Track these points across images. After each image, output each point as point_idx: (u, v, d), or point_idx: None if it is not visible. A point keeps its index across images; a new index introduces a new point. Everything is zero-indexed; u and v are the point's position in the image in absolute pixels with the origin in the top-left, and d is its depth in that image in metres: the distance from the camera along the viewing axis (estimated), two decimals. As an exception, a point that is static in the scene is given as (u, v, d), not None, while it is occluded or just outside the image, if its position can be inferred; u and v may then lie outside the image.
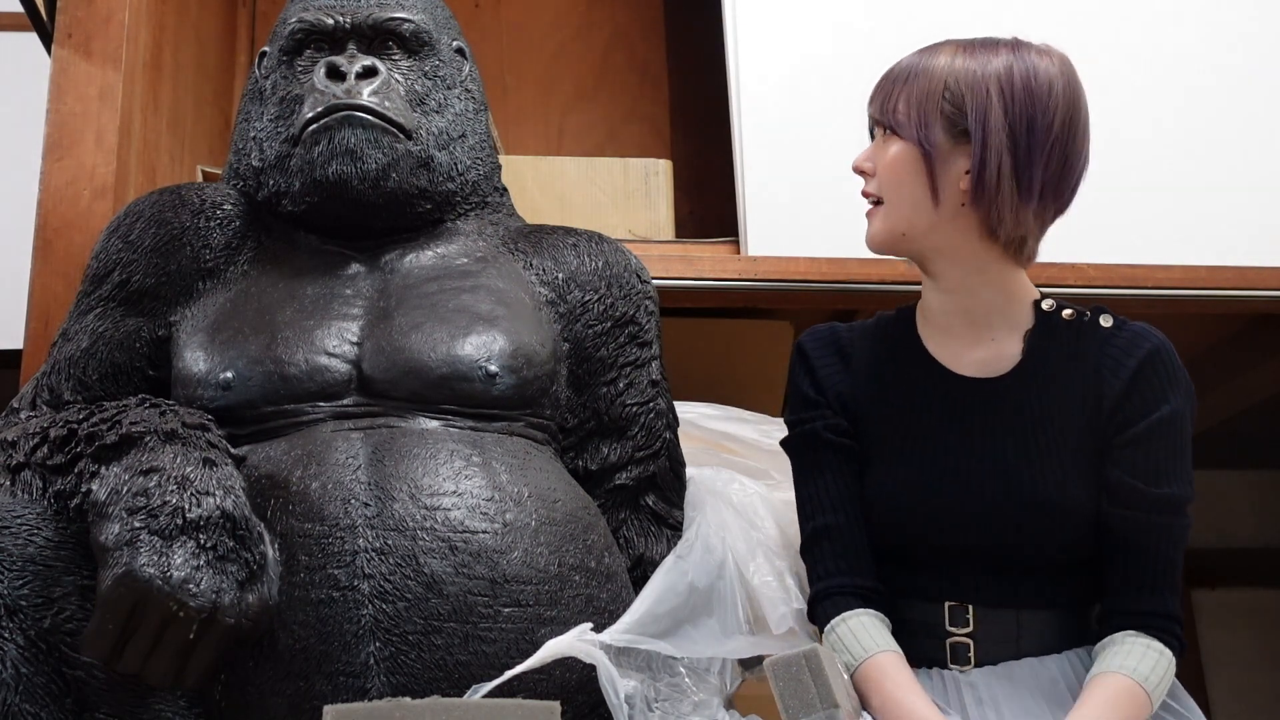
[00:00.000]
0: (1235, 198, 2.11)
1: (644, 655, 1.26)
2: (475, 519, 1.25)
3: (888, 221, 1.37)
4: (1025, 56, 1.35)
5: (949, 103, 1.32)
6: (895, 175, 1.35)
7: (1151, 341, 1.34)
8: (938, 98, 1.33)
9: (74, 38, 1.80)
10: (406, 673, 1.18)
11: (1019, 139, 1.31)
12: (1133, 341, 1.34)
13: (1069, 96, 1.33)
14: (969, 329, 1.39)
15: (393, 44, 1.53)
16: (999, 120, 1.30)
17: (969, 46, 1.36)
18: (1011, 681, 1.30)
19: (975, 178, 1.31)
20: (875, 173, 1.38)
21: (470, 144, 1.56)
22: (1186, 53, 2.17)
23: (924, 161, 1.33)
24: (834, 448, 1.41)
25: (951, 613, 1.33)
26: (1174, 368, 1.34)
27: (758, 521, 1.51)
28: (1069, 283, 2.00)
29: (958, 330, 1.40)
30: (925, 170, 1.34)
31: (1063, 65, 1.35)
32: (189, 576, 1.12)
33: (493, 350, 1.37)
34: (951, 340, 1.40)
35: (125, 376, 1.44)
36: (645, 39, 2.80)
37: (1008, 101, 1.31)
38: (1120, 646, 1.26)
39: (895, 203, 1.36)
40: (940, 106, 1.33)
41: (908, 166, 1.34)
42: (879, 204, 1.38)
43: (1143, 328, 1.37)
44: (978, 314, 1.39)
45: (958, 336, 1.40)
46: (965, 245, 1.36)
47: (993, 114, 1.31)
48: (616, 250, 1.56)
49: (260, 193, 1.52)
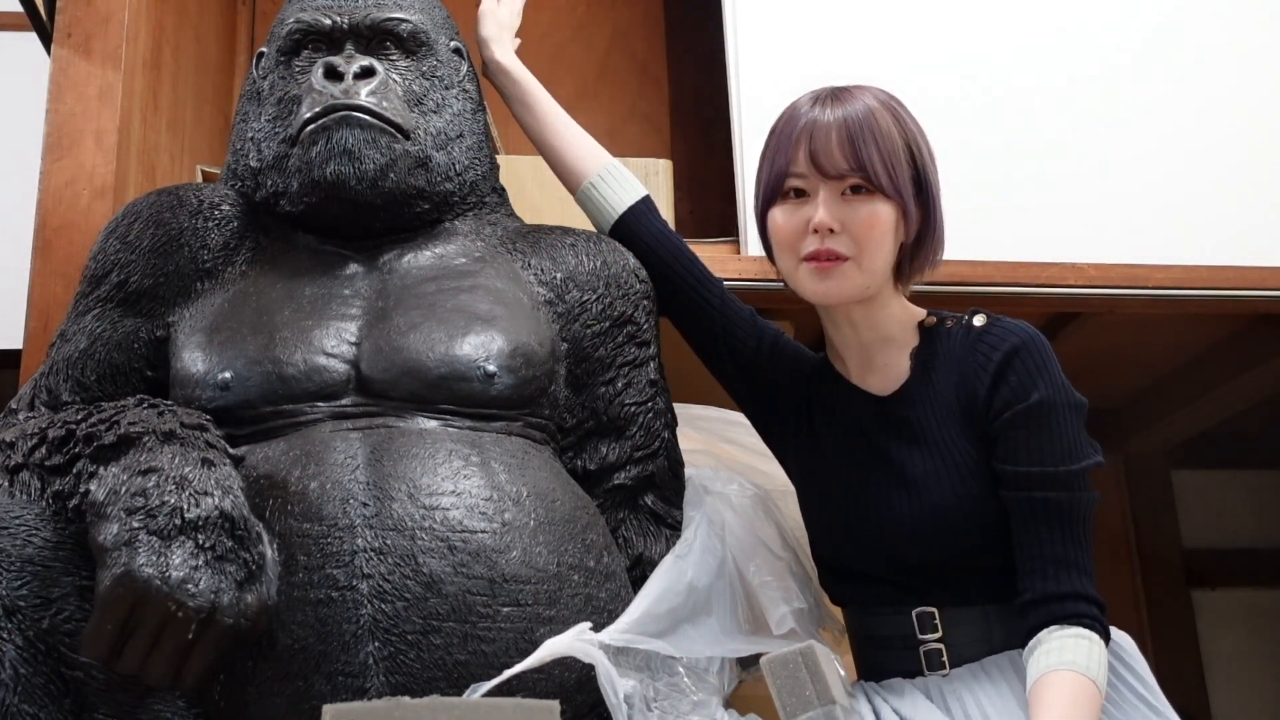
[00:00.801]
0: (1235, 198, 2.11)
1: (643, 655, 1.26)
2: (474, 519, 1.25)
3: (864, 279, 1.38)
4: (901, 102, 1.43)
5: (911, 159, 1.38)
6: (879, 235, 1.37)
7: (1018, 336, 1.36)
8: (904, 154, 1.37)
9: (73, 37, 1.80)
10: (405, 672, 1.18)
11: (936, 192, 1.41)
12: (1000, 337, 1.37)
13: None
14: (869, 357, 1.45)
15: (390, 44, 1.53)
16: (930, 164, 1.40)
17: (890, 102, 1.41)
18: (990, 678, 1.32)
19: (925, 229, 1.39)
20: (845, 230, 1.36)
21: (468, 144, 1.56)
22: (1187, 53, 2.17)
23: (901, 220, 1.38)
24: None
25: (920, 620, 1.35)
26: (1041, 360, 1.35)
27: (758, 521, 1.51)
28: (1069, 283, 2.00)
29: (856, 359, 1.46)
30: (901, 227, 1.39)
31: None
32: (187, 577, 1.12)
33: (491, 350, 1.37)
34: (853, 367, 1.46)
35: (124, 377, 1.44)
36: (645, 39, 2.80)
37: (928, 149, 1.40)
38: (1049, 644, 1.26)
39: (874, 262, 1.38)
40: (907, 171, 1.37)
41: (890, 226, 1.38)
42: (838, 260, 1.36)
43: (1013, 324, 1.39)
44: (874, 343, 1.44)
45: (857, 363, 1.46)
46: (885, 288, 1.42)
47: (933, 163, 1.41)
48: (615, 250, 1.56)
49: (258, 193, 1.52)
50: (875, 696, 1.36)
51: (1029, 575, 1.30)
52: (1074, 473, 1.31)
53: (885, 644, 1.38)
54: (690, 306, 1.57)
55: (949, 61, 2.13)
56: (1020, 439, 1.32)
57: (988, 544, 1.34)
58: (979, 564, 1.34)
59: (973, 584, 1.34)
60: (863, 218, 1.36)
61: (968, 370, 1.37)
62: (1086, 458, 1.33)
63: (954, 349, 1.40)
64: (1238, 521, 3.57)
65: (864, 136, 1.35)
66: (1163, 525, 3.48)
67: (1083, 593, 1.28)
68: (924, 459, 1.36)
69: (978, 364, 1.36)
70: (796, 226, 1.38)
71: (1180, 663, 3.32)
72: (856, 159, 1.35)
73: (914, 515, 1.35)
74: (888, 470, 1.38)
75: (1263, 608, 3.49)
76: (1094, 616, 1.27)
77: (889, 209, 1.36)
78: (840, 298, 1.40)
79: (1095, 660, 1.24)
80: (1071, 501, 1.31)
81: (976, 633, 1.34)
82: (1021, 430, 1.32)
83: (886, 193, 1.35)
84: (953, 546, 1.34)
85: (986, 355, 1.36)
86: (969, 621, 1.34)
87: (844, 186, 1.36)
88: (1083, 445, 1.33)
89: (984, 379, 1.35)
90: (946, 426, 1.37)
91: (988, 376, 1.35)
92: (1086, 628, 1.26)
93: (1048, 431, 1.32)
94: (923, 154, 1.39)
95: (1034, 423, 1.32)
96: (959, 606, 1.34)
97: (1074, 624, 1.26)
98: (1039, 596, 1.28)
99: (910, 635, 1.35)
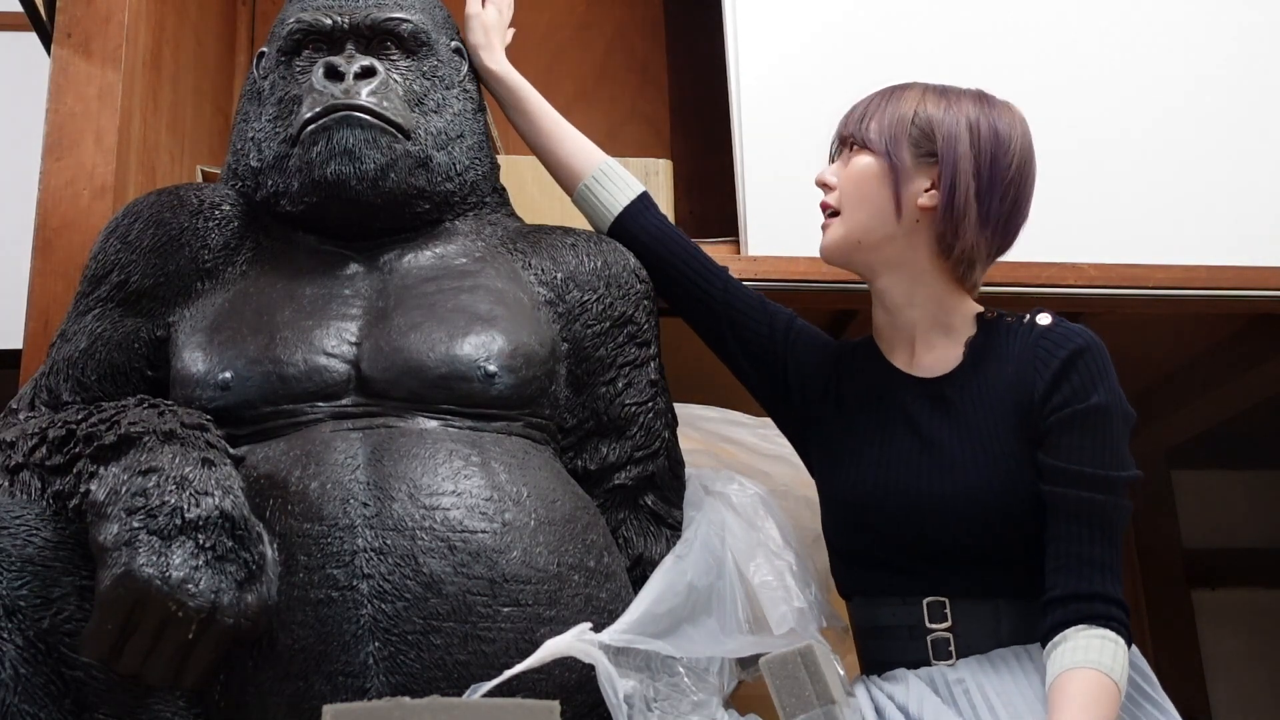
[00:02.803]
0: (1235, 198, 2.11)
1: (643, 655, 1.26)
2: (474, 519, 1.25)
3: (845, 228, 1.45)
4: (990, 105, 1.45)
5: (917, 128, 1.42)
6: (860, 185, 1.43)
7: (1083, 339, 1.39)
8: (907, 123, 1.42)
9: (73, 37, 1.80)
10: (405, 672, 1.18)
11: (983, 170, 1.41)
12: (1065, 337, 1.39)
13: (1024, 148, 1.44)
14: (914, 340, 1.46)
15: (391, 44, 1.53)
16: (966, 149, 1.41)
17: (939, 89, 1.46)
18: (996, 670, 1.32)
19: (946, 193, 1.40)
20: (837, 186, 1.46)
21: (469, 144, 1.56)
22: (1187, 52, 2.17)
23: (890, 174, 1.42)
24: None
25: (930, 609, 1.35)
26: (1102, 366, 1.37)
27: (758, 521, 1.51)
28: (1069, 283, 2.00)
29: (903, 343, 1.47)
30: (890, 181, 1.42)
31: (1022, 123, 1.46)
32: (188, 576, 1.12)
33: (491, 350, 1.37)
34: (899, 351, 1.48)
35: (124, 377, 1.44)
36: (645, 39, 2.80)
37: (974, 136, 1.41)
38: (1074, 642, 1.27)
39: (855, 212, 1.44)
40: (909, 131, 1.42)
41: (874, 178, 1.43)
42: (835, 216, 1.46)
43: (1078, 328, 1.41)
44: (922, 326, 1.46)
45: (905, 348, 1.47)
46: (916, 261, 1.44)
47: (961, 142, 1.41)
48: (615, 250, 1.56)
49: (259, 193, 1.52)
50: (876, 690, 1.36)
51: (1059, 572, 1.31)
52: (1119, 479, 1.33)
53: (891, 634, 1.38)
54: (693, 300, 1.58)
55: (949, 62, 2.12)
56: (1073, 438, 1.34)
57: (1012, 536, 1.34)
58: (997, 555, 1.35)
59: (987, 576, 1.35)
60: (846, 171, 1.45)
61: (1026, 364, 1.38)
62: (1130, 468, 1.34)
63: (1013, 343, 1.41)
64: (1238, 521, 3.57)
65: (875, 105, 1.45)
66: (1163, 525, 3.48)
67: (1112, 595, 1.29)
68: (963, 441, 1.37)
69: (1039, 359, 1.38)
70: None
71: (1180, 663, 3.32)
72: (859, 123, 1.45)
73: (947, 493, 1.35)
74: (926, 449, 1.39)
75: (1263, 608, 3.49)
76: (1120, 620, 1.28)
77: (869, 160, 1.43)
78: (830, 252, 1.47)
79: (1119, 662, 1.25)
80: (1111, 506, 1.32)
81: (986, 625, 1.34)
82: (1076, 430, 1.34)
83: (873, 148, 1.43)
84: (978, 531, 1.34)
85: (1050, 351, 1.38)
86: (979, 613, 1.34)
87: (849, 147, 1.46)
88: (1128, 456, 1.35)
89: (1045, 374, 1.37)
90: (992, 415, 1.38)
91: (1049, 372, 1.36)
92: (1112, 630, 1.27)
93: (1100, 435, 1.34)
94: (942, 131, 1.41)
95: (1089, 425, 1.34)
96: (971, 598, 1.35)
97: (1100, 625, 1.27)
98: (1067, 594, 1.29)
99: (918, 624, 1.35)
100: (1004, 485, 1.34)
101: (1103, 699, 1.23)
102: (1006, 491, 1.34)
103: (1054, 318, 1.43)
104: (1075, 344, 1.37)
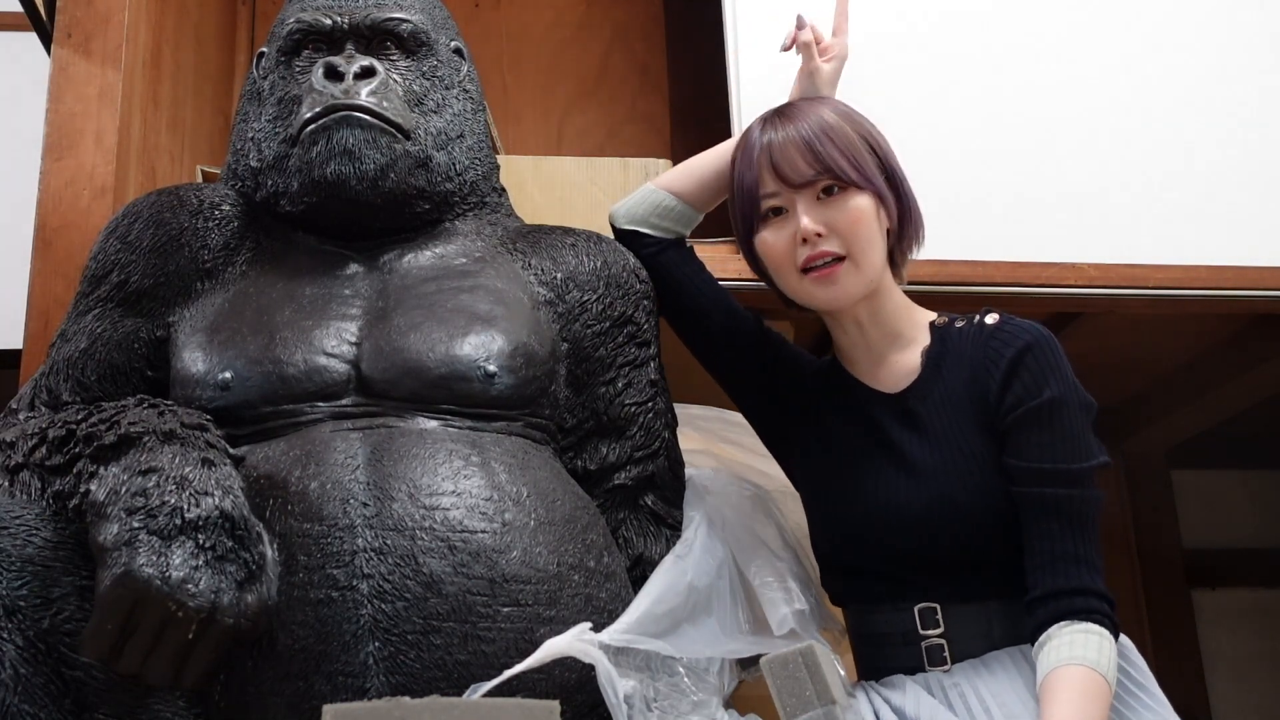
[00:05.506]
0: (1235, 198, 2.10)
1: (643, 655, 1.26)
2: (474, 519, 1.25)
3: (864, 275, 1.41)
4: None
5: (871, 152, 1.42)
6: (866, 228, 1.40)
7: (1029, 336, 1.38)
8: (864, 147, 1.41)
9: (73, 37, 1.80)
10: (405, 672, 1.18)
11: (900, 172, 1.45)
12: (1013, 335, 1.39)
13: None
14: (879, 356, 1.46)
15: (391, 44, 1.54)
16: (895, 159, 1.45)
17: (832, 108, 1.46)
18: (992, 672, 1.32)
19: (903, 212, 1.44)
20: (831, 232, 1.39)
21: (468, 144, 1.56)
22: (1187, 52, 2.17)
23: (882, 208, 1.42)
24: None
25: (922, 616, 1.35)
26: (1052, 359, 1.37)
27: (758, 521, 1.51)
28: (1069, 282, 2.00)
29: (866, 361, 1.47)
30: (884, 216, 1.42)
31: None
32: (188, 576, 1.12)
33: (491, 350, 1.37)
34: (863, 368, 1.47)
35: (124, 377, 1.44)
36: (645, 39, 2.80)
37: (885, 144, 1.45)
38: (1059, 640, 1.26)
39: (868, 255, 1.41)
40: (868, 157, 1.41)
41: (873, 214, 1.41)
42: (838, 261, 1.39)
43: (1025, 325, 1.41)
44: (884, 343, 1.46)
45: (868, 364, 1.47)
46: (884, 281, 1.45)
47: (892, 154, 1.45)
48: (615, 250, 1.56)
49: (258, 193, 1.52)
50: (875, 696, 1.36)
51: (1038, 571, 1.30)
52: (1083, 470, 1.32)
53: (886, 641, 1.38)
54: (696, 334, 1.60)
55: (949, 62, 2.13)
56: (1031, 436, 1.34)
57: (992, 538, 1.34)
58: (982, 558, 1.35)
59: (975, 579, 1.35)
60: (844, 214, 1.39)
61: (980, 366, 1.38)
62: (1094, 457, 1.34)
63: (966, 346, 1.41)
64: (1238, 521, 3.57)
65: (820, 140, 1.40)
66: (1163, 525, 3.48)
67: (1092, 588, 1.29)
68: (934, 451, 1.37)
69: (990, 360, 1.38)
70: (786, 241, 1.41)
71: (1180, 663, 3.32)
72: (820, 162, 1.39)
73: (921, 504, 1.35)
74: (898, 462, 1.39)
75: (1263, 608, 3.48)
76: (1104, 612, 1.28)
77: (866, 199, 1.40)
78: (848, 299, 1.42)
79: (1105, 656, 1.25)
80: (1080, 499, 1.32)
81: (978, 628, 1.34)
82: (1032, 427, 1.34)
83: (859, 185, 1.39)
84: (958, 537, 1.34)
85: (999, 351, 1.37)
86: (970, 617, 1.34)
87: (816, 191, 1.40)
88: (1091, 445, 1.34)
89: (996, 375, 1.37)
90: (958, 421, 1.38)
91: (1000, 372, 1.36)
92: (1096, 623, 1.27)
93: (1059, 429, 1.33)
94: (880, 144, 1.44)
95: (1046, 420, 1.33)
96: (961, 602, 1.35)
97: (1084, 620, 1.27)
98: (1048, 592, 1.29)
99: (911, 631, 1.35)
100: (978, 489, 1.34)
101: (1092, 694, 1.22)
102: (982, 495, 1.34)
103: (1001, 316, 1.43)
104: (1021, 342, 1.37)
